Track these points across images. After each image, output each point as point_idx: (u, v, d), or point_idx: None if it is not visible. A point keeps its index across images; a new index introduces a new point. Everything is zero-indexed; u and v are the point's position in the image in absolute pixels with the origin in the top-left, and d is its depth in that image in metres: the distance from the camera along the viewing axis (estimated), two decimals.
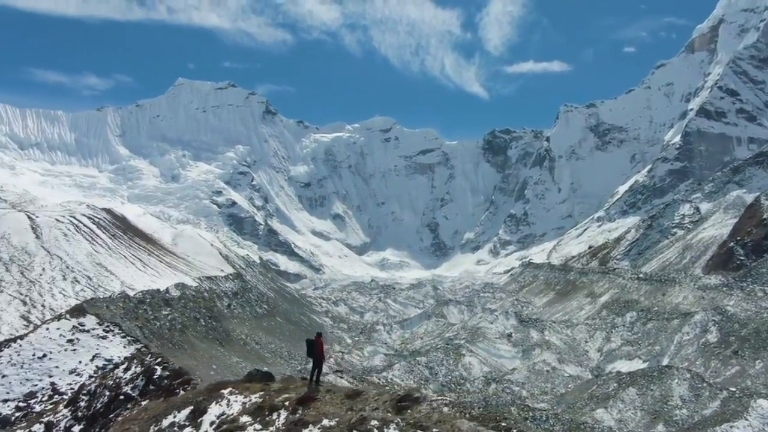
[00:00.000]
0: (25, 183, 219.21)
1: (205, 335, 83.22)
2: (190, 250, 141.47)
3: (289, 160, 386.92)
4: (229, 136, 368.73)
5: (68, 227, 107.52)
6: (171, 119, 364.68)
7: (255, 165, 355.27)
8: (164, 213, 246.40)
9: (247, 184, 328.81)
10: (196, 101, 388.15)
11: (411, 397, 16.00)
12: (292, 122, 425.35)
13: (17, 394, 22.24)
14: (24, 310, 75.65)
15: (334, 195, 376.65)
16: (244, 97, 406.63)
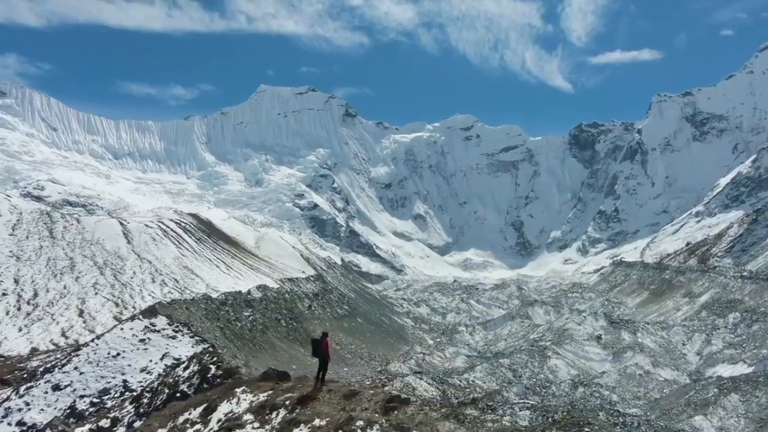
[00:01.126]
0: (119, 191, 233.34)
1: (286, 336, 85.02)
2: (273, 252, 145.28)
3: (370, 162, 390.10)
4: (310, 140, 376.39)
5: (157, 232, 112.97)
6: (254, 125, 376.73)
7: (336, 167, 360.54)
8: (248, 217, 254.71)
9: (328, 186, 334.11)
10: (277, 107, 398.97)
11: (400, 399, 15.60)
12: (371, 124, 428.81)
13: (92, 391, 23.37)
14: (116, 312, 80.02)
15: (415, 195, 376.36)
16: (324, 101, 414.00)
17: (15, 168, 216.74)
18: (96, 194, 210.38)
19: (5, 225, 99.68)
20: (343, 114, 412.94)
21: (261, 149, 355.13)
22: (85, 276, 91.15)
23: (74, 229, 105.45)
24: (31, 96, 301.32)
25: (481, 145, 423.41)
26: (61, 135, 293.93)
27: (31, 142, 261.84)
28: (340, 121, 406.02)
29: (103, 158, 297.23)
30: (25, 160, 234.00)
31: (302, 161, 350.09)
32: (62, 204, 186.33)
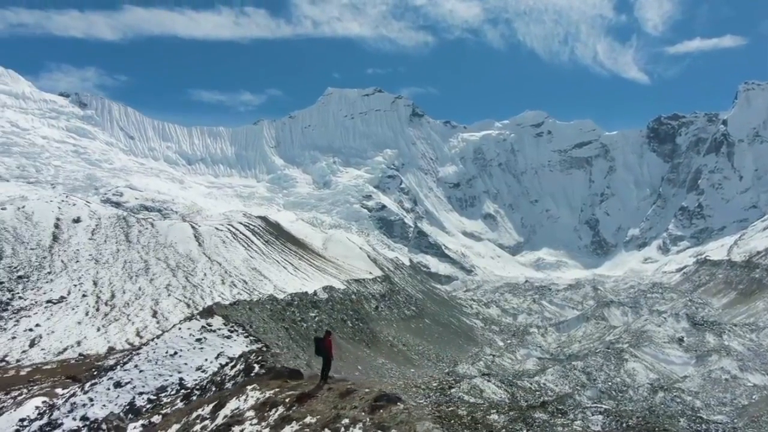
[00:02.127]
0: (192, 195, 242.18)
1: (352, 337, 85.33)
2: (340, 253, 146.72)
3: (438, 161, 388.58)
4: (377, 141, 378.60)
5: (226, 235, 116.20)
6: (321, 128, 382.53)
7: (403, 168, 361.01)
8: (317, 218, 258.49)
9: (396, 187, 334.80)
10: (344, 109, 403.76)
11: (387, 398, 15.42)
12: (439, 123, 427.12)
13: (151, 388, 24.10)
14: (188, 313, 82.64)
15: (484, 194, 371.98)
16: (391, 102, 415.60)
17: (96, 175, 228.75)
18: (170, 199, 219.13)
19: (85, 230, 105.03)
20: (410, 114, 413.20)
21: (329, 151, 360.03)
22: (158, 278, 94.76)
23: (148, 233, 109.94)
24: (109, 106, 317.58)
25: (553, 141, 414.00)
26: (138, 143, 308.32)
27: (110, 151, 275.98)
28: (407, 121, 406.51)
29: (177, 164, 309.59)
30: (105, 168, 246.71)
31: (370, 162, 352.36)
32: (139, 209, 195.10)
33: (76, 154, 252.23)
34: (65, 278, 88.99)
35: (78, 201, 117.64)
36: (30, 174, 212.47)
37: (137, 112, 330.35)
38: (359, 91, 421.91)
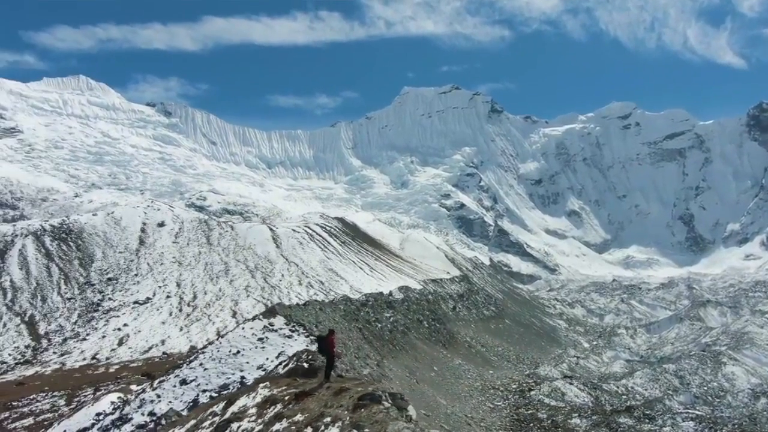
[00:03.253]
0: (272, 198, 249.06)
1: (428, 337, 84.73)
2: (417, 253, 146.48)
3: (518, 158, 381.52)
4: (455, 139, 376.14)
5: (303, 236, 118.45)
6: (398, 128, 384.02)
7: (482, 165, 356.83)
8: (395, 219, 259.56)
9: (475, 185, 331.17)
10: (421, 108, 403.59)
11: (371, 397, 15.08)
12: (519, 119, 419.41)
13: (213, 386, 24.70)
14: None
15: (568, 191, 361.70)
16: (468, 99, 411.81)
17: (181, 181, 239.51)
18: (251, 202, 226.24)
19: (169, 233, 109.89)
20: (489, 110, 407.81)
21: (406, 151, 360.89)
22: (238, 279, 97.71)
23: (228, 236, 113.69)
24: (193, 114, 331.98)
25: (642, 133, 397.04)
26: (220, 148, 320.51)
27: (194, 157, 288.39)
28: (485, 118, 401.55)
29: (258, 168, 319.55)
30: (189, 173, 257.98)
31: (448, 161, 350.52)
32: (221, 212, 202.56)
33: (162, 161, 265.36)
34: (151, 280, 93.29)
35: (162, 206, 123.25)
36: (121, 181, 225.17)
37: (219, 118, 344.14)
38: (436, 89, 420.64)
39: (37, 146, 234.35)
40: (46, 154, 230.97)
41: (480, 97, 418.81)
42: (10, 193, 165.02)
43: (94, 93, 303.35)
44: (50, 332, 76.66)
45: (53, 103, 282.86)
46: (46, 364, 68.56)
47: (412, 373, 61.65)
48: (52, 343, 74.43)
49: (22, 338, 74.62)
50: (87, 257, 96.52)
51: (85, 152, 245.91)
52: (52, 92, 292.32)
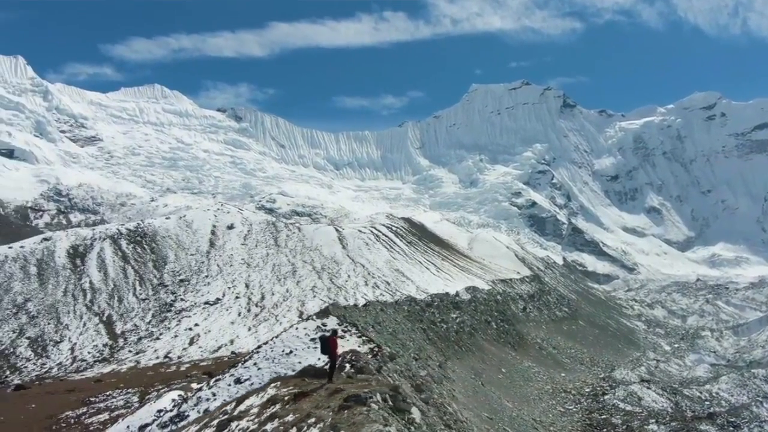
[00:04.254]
0: (340, 199, 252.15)
1: (496, 338, 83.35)
2: (486, 253, 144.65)
3: (593, 154, 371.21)
4: (525, 136, 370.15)
5: (369, 237, 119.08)
6: (467, 126, 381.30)
7: (555, 162, 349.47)
8: (464, 218, 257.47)
9: (547, 182, 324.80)
10: (490, 105, 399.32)
11: (356, 399, 14.82)
12: (593, 113, 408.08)
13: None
14: None
15: (647, 186, 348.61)
16: (539, 94, 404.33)
17: (251, 184, 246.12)
18: (320, 204, 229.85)
19: (238, 236, 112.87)
20: (561, 105, 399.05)
21: (475, 149, 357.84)
22: (304, 280, 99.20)
23: (296, 237, 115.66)
24: (262, 118, 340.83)
25: (728, 124, 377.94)
26: (289, 151, 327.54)
27: (263, 160, 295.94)
28: (557, 113, 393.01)
29: (326, 170, 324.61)
30: (259, 176, 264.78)
31: (518, 158, 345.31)
32: (291, 214, 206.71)
33: (233, 164, 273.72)
34: (220, 281, 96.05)
35: (232, 209, 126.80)
36: (194, 185, 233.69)
37: (287, 121, 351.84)
38: (505, 85, 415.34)
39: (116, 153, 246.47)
40: (124, 160, 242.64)
41: (551, 92, 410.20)
42: (91, 199, 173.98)
43: (168, 101, 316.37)
44: (126, 331, 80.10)
45: (130, 112, 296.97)
46: (122, 362, 71.62)
47: (479, 374, 60.68)
48: (127, 342, 77.72)
49: (100, 337, 78.29)
50: (160, 259, 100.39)
51: (160, 158, 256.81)
52: (129, 101, 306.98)
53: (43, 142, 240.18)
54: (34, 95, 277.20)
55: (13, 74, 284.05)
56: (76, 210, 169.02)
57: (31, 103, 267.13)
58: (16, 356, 72.57)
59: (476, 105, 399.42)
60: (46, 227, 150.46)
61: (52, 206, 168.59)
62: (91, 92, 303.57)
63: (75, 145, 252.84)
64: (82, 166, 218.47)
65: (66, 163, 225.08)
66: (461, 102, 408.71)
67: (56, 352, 74.06)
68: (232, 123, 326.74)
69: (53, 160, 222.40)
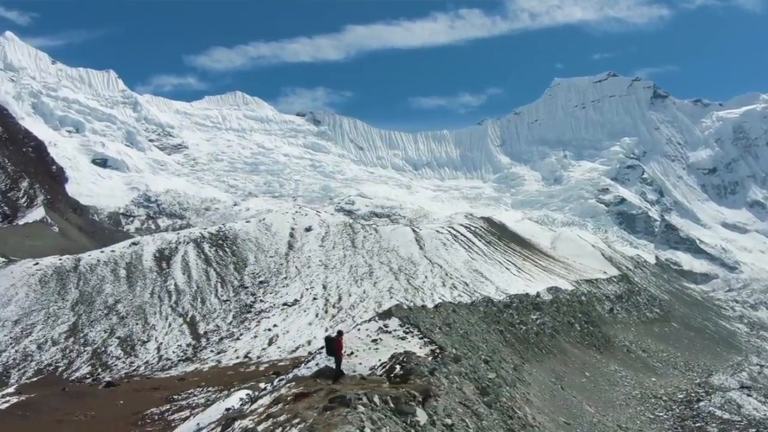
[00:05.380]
0: (419, 200, 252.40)
1: (580, 341, 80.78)
2: (570, 252, 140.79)
3: (687, 146, 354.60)
4: (612, 130, 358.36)
5: (447, 237, 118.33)
6: (549, 121, 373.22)
7: (645, 156, 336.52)
8: (548, 217, 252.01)
9: (637, 177, 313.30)
10: (574, 99, 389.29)
11: (340, 400, 14.74)
12: (686, 103, 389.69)
13: None
14: None
15: (749, 179, 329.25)
16: (627, 86, 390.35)
17: (330, 186, 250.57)
18: (398, 205, 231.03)
19: (316, 237, 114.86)
20: (651, 96, 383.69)
21: (558, 145, 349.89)
22: (381, 281, 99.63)
23: (372, 238, 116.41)
24: (340, 121, 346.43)
25: None
26: (367, 153, 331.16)
27: (342, 162, 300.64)
28: (647, 104, 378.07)
29: (404, 170, 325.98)
30: (338, 179, 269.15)
31: (605, 153, 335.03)
32: (369, 216, 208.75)
33: (312, 168, 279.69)
34: (298, 283, 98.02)
35: (309, 211, 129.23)
36: (275, 189, 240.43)
37: (365, 124, 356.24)
38: (590, 78, 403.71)
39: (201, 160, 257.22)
40: (208, 166, 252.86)
41: (640, 82, 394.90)
42: (178, 204, 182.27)
43: (249, 107, 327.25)
44: (208, 332, 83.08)
45: (213, 119, 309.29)
46: (204, 361, 74.31)
47: (559, 378, 58.85)
48: (209, 342, 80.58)
49: (184, 337, 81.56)
50: (241, 262, 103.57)
51: (242, 163, 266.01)
52: (212, 109, 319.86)
53: (133, 151, 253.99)
54: (124, 107, 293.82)
55: (106, 88, 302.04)
56: (164, 215, 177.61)
57: (122, 115, 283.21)
58: (107, 355, 76.71)
59: (559, 99, 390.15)
60: (137, 232, 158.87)
61: (142, 212, 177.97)
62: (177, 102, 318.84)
63: (162, 153, 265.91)
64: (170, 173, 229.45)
65: (154, 170, 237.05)
66: (543, 97, 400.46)
67: (143, 351, 77.72)
68: (311, 127, 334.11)
69: (143, 168, 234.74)
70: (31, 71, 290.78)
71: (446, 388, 19.86)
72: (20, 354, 74.86)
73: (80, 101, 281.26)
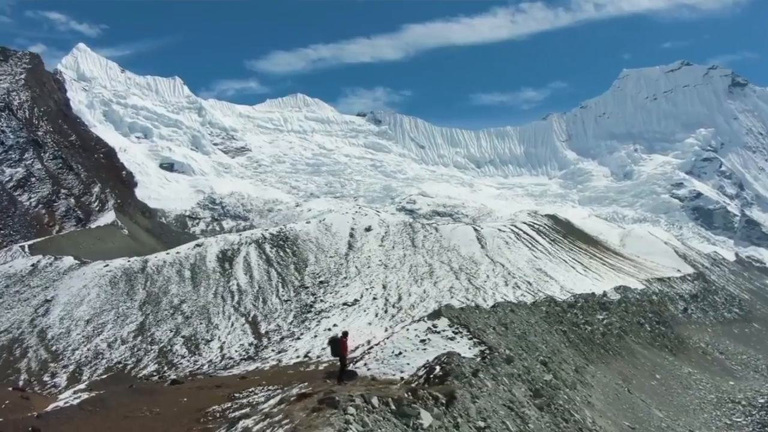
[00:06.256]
0: (482, 198, 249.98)
1: (651, 342, 78.09)
2: (640, 250, 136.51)
3: None
4: (687, 121, 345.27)
5: (509, 236, 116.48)
6: (618, 114, 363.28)
7: (723, 148, 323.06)
8: (617, 213, 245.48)
9: (714, 171, 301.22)
10: (644, 90, 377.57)
11: (328, 401, 14.48)
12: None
13: None
14: None
15: None
16: (702, 74, 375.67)
17: (391, 186, 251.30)
18: (461, 203, 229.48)
19: (375, 237, 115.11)
20: (729, 85, 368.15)
21: (628, 139, 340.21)
22: (442, 281, 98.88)
23: (433, 238, 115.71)
24: (401, 120, 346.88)
25: None
26: (428, 151, 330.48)
27: (403, 161, 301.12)
28: (724, 93, 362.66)
29: (466, 168, 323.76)
30: (399, 178, 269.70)
31: (679, 146, 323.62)
32: (431, 215, 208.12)
33: (373, 167, 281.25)
34: (358, 283, 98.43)
35: (369, 211, 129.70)
36: (336, 189, 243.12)
37: (426, 122, 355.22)
38: (661, 68, 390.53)
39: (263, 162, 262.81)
40: (271, 168, 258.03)
41: (717, 71, 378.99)
42: (242, 206, 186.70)
43: (310, 109, 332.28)
44: (269, 331, 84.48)
45: (275, 122, 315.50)
46: (266, 360, 75.60)
47: (627, 380, 56.92)
48: (271, 342, 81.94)
49: (246, 336, 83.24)
50: (301, 262, 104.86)
51: (304, 164, 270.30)
52: (274, 112, 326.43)
53: (199, 154, 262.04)
54: (190, 112, 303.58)
55: (172, 94, 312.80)
56: (228, 217, 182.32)
57: (188, 120, 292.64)
58: (172, 353, 79.10)
59: (628, 91, 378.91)
60: (202, 234, 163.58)
61: (207, 214, 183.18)
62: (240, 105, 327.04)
63: (226, 156, 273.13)
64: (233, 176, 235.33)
65: (219, 173, 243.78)
66: (611, 89, 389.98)
67: (207, 350, 79.75)
68: (371, 127, 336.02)
69: (208, 171, 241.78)
70: (102, 81, 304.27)
71: (490, 390, 19.37)
72: (92, 352, 78.15)
73: (148, 108, 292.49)
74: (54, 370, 74.24)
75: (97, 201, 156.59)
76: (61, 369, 74.59)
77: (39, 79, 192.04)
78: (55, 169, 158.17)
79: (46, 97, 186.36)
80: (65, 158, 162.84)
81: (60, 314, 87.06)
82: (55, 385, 69.49)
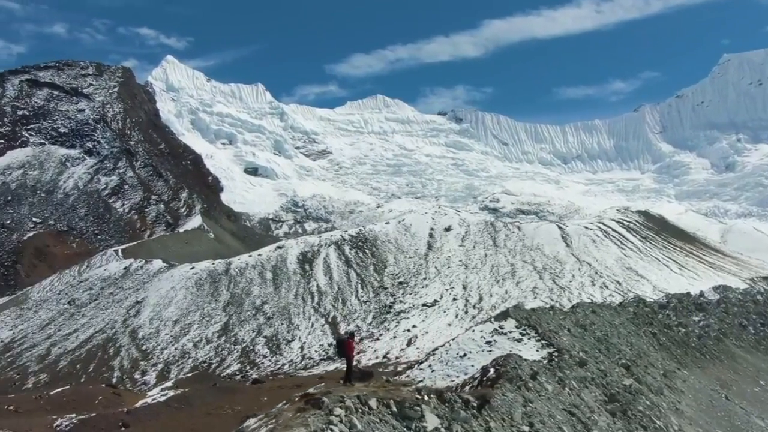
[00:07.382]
0: (569, 195, 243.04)
1: (755, 345, 73.07)
2: (743, 247, 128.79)
3: None
4: None
5: (596, 233, 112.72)
6: (718, 102, 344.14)
7: None
8: (719, 208, 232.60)
9: None
10: (747, 75, 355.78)
11: (313, 402, 14.21)
12: None
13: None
14: None
15: None
16: None
17: (474, 185, 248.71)
18: (546, 201, 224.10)
19: (456, 237, 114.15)
20: None
21: (730, 128, 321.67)
22: (524, 281, 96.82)
23: (515, 237, 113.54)
24: (482, 118, 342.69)
25: None
26: (511, 148, 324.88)
27: (486, 160, 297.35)
28: None
29: (552, 164, 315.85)
30: (482, 177, 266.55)
31: None
32: (515, 213, 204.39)
33: (455, 166, 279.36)
34: (438, 283, 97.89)
35: (449, 211, 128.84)
36: (417, 189, 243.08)
37: (509, 119, 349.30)
38: (766, 51, 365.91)
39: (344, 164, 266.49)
40: (352, 170, 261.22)
41: None
42: (323, 208, 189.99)
43: (390, 110, 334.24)
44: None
45: (356, 124, 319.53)
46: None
47: (725, 386, 53.42)
48: None
49: (326, 337, 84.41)
50: (380, 263, 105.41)
51: (384, 165, 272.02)
52: (354, 114, 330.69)
53: (281, 158, 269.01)
54: (272, 117, 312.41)
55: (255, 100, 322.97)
56: (310, 219, 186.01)
57: (270, 125, 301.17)
58: (255, 353, 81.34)
59: (730, 77, 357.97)
60: (285, 236, 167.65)
61: (290, 217, 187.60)
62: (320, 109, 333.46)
63: (308, 159, 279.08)
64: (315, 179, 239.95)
65: (301, 176, 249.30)
66: (710, 76, 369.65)
67: (288, 350, 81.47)
68: (452, 125, 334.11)
69: (290, 175, 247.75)
70: (189, 90, 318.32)
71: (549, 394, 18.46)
72: (179, 351, 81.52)
73: (232, 115, 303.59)
74: (144, 368, 78.05)
75: (185, 206, 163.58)
76: (150, 367, 78.31)
77: (131, 92, 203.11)
78: (146, 176, 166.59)
79: (137, 108, 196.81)
80: (155, 166, 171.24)
81: (150, 315, 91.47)
82: (145, 383, 73.02)
